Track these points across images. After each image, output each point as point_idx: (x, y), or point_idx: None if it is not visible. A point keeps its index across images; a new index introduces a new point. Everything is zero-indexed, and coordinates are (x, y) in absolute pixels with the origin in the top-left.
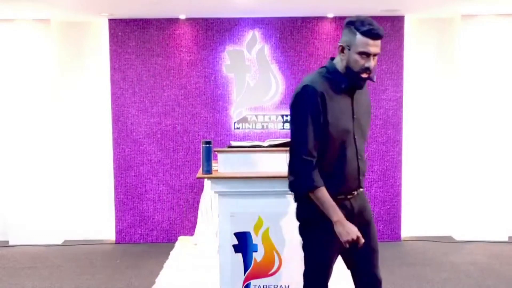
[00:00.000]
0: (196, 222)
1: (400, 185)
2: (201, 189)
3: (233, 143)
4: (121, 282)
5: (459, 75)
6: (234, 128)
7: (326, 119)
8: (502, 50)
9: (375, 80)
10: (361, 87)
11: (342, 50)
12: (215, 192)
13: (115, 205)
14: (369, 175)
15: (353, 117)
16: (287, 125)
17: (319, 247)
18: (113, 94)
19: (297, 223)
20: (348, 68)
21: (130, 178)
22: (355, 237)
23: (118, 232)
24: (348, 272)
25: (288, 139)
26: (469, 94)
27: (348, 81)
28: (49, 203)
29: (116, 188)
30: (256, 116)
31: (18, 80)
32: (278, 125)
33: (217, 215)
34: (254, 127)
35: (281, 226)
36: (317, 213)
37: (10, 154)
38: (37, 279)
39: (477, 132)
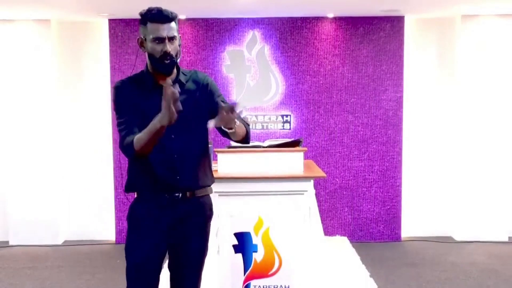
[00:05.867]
0: None
1: (400, 185)
2: None
3: (233, 144)
4: (121, 282)
5: (459, 76)
6: None
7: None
8: (502, 50)
9: (177, 61)
10: (167, 73)
11: (142, 44)
12: (215, 192)
13: (115, 205)
14: (369, 175)
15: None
16: (287, 125)
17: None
18: None
19: (297, 223)
20: (150, 58)
21: None
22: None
23: (118, 232)
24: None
25: (288, 139)
26: (469, 94)
27: (152, 77)
28: (49, 203)
29: (116, 188)
30: (256, 116)
31: (18, 80)
32: (278, 125)
33: (217, 215)
34: (254, 127)
35: (281, 226)
36: None
37: (10, 154)
38: (37, 279)
39: (477, 132)
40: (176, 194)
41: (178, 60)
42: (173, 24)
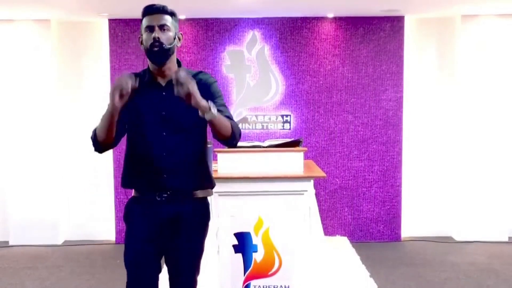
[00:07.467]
0: None
1: (400, 185)
2: None
3: None
4: (121, 282)
5: (459, 76)
6: None
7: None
8: (502, 50)
9: (167, 48)
10: (158, 62)
11: (142, 42)
12: (215, 192)
13: (115, 205)
14: (369, 175)
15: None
16: (287, 125)
17: None
18: None
19: (297, 223)
20: (145, 51)
21: None
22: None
23: (118, 232)
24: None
25: (288, 139)
26: (469, 94)
27: (148, 73)
28: (49, 203)
29: (116, 188)
30: (256, 116)
31: (18, 80)
32: (278, 125)
33: (217, 215)
34: (254, 127)
35: (281, 226)
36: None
37: (10, 155)
38: (37, 279)
39: (477, 132)
40: (165, 194)
41: (169, 47)
42: (166, 16)
